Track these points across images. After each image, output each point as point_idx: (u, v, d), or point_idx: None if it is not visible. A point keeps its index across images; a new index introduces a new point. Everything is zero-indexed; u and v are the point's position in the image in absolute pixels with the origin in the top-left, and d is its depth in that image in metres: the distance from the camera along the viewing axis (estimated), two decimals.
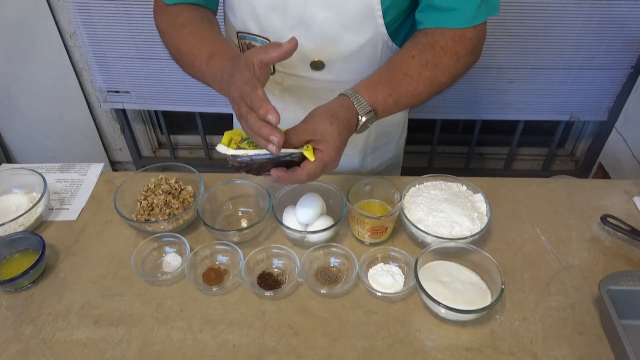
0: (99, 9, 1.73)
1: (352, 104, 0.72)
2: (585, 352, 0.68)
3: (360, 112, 0.72)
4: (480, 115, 2.00)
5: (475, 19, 0.75)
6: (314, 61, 0.85)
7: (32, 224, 0.87)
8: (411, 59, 0.76)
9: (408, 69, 0.76)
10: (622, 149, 1.82)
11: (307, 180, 0.69)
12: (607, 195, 0.94)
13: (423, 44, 0.77)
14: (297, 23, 0.80)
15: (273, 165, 0.69)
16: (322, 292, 0.75)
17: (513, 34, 1.73)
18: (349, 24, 0.79)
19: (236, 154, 0.67)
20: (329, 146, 0.68)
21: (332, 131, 0.68)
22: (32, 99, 2.01)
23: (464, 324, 0.71)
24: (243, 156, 0.68)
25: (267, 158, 0.68)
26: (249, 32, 0.85)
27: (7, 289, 0.77)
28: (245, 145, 0.69)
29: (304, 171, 0.68)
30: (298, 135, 0.68)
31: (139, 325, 0.72)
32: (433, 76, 0.77)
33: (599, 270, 0.79)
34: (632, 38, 1.73)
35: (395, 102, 0.76)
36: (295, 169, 0.69)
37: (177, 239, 0.82)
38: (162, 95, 1.96)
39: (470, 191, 0.87)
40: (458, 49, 0.77)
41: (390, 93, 0.75)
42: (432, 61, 0.76)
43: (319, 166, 0.68)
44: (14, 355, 0.68)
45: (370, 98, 0.73)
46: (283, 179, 0.69)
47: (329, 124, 0.68)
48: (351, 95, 0.73)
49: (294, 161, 0.69)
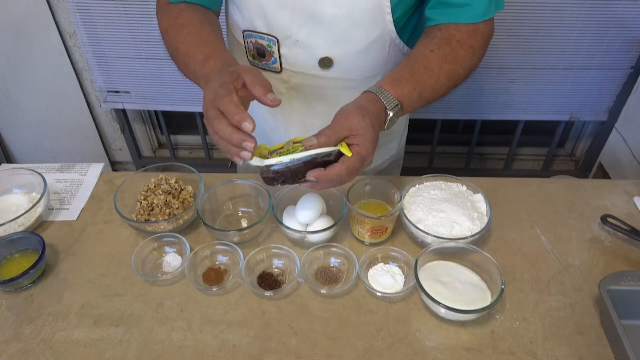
0: (99, 9, 1.73)
1: (379, 98, 0.72)
2: (585, 352, 0.68)
3: (388, 107, 0.72)
4: (481, 115, 2.00)
5: (486, 14, 0.77)
6: (323, 58, 0.85)
7: (32, 224, 0.87)
8: (430, 53, 0.77)
9: (429, 62, 0.76)
10: (622, 149, 1.82)
11: (347, 177, 0.67)
12: (607, 195, 0.94)
13: (440, 38, 0.78)
14: (306, 20, 0.80)
15: (309, 169, 0.67)
16: (322, 292, 0.75)
17: (513, 34, 1.73)
18: (358, 21, 0.79)
19: (271, 163, 0.66)
20: (365, 139, 0.67)
21: (366, 125, 0.67)
22: (32, 99, 2.01)
23: (464, 324, 0.71)
24: (278, 164, 0.66)
25: (303, 162, 0.66)
26: (255, 30, 0.85)
27: (7, 289, 0.77)
28: (275, 156, 0.67)
29: (343, 166, 0.66)
30: (332, 134, 0.67)
31: (139, 325, 0.72)
32: (452, 69, 0.78)
33: (599, 270, 0.79)
34: (632, 38, 1.73)
35: (419, 95, 0.76)
36: (334, 165, 0.67)
37: (177, 239, 0.82)
38: (162, 95, 1.96)
39: (470, 191, 0.87)
40: (473, 42, 0.78)
41: (414, 87, 0.75)
42: (450, 54, 0.77)
43: (358, 160, 0.67)
44: (14, 355, 0.68)
45: (395, 92, 0.73)
46: (322, 178, 0.67)
47: (361, 118, 0.67)
48: (377, 91, 0.73)
49: (330, 161, 0.67)
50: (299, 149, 0.67)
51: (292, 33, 0.82)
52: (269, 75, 0.92)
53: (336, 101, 0.92)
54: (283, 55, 0.86)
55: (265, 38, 0.85)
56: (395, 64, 0.90)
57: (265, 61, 0.89)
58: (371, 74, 0.89)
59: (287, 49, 0.85)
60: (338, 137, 0.67)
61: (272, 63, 0.88)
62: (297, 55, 0.85)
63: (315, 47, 0.83)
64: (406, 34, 0.86)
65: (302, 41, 0.82)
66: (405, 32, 0.86)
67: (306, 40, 0.82)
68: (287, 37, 0.83)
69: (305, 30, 0.81)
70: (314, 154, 0.66)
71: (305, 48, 0.84)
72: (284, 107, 0.95)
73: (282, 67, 0.88)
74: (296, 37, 0.82)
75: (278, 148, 0.71)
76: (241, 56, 0.94)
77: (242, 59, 0.94)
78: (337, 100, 0.92)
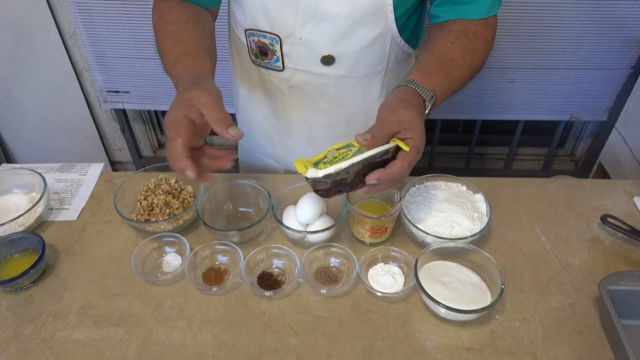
0: (99, 9, 1.73)
1: (416, 91, 0.71)
2: (585, 352, 0.68)
3: (426, 98, 0.71)
4: (481, 115, 2.00)
5: (492, 10, 0.79)
6: (325, 56, 0.85)
7: (32, 224, 0.87)
8: (452, 45, 0.78)
9: (452, 54, 0.77)
10: (622, 149, 1.82)
11: (408, 171, 0.65)
12: (607, 195, 0.94)
13: (457, 30, 0.79)
14: (309, 18, 0.80)
15: (367, 171, 0.64)
16: (322, 292, 0.75)
17: (513, 34, 1.73)
18: (360, 18, 0.80)
19: (328, 172, 0.62)
20: (417, 131, 0.65)
21: (415, 116, 0.66)
22: (32, 99, 2.01)
23: (464, 324, 0.71)
24: (337, 172, 0.62)
25: (362, 164, 0.63)
26: (258, 29, 0.85)
27: (7, 289, 0.77)
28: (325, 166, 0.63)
29: (405, 161, 0.64)
30: (384, 130, 0.65)
31: (139, 325, 0.72)
32: (472, 60, 0.78)
33: (599, 270, 0.79)
34: (632, 38, 1.73)
35: (448, 87, 0.76)
36: (394, 162, 0.64)
37: (177, 239, 0.82)
38: (162, 95, 1.96)
39: (470, 191, 0.87)
40: (486, 34, 0.80)
41: (444, 78, 0.75)
42: (469, 46, 0.78)
43: (415, 153, 0.65)
44: (14, 355, 0.68)
45: (428, 84, 0.72)
46: (385, 178, 0.64)
47: (409, 111, 0.66)
48: (411, 84, 0.72)
49: (387, 160, 0.64)
50: (350, 153, 0.64)
51: (295, 31, 0.82)
52: (271, 74, 0.92)
53: (338, 98, 0.93)
54: (285, 53, 0.86)
55: (268, 36, 0.85)
56: (396, 62, 0.90)
57: (267, 60, 0.89)
58: (372, 72, 0.89)
59: (289, 47, 0.85)
60: (390, 132, 0.65)
61: (274, 61, 0.89)
62: (300, 53, 0.85)
63: (318, 45, 0.83)
64: (407, 32, 0.87)
65: (305, 39, 0.83)
66: (406, 30, 0.86)
67: (309, 38, 0.82)
68: (290, 35, 0.83)
69: (308, 28, 0.81)
70: (372, 154, 0.63)
71: (308, 46, 0.84)
72: (285, 105, 0.96)
73: (284, 66, 0.89)
74: (299, 35, 0.82)
75: (321, 158, 0.67)
76: (243, 55, 0.94)
77: (244, 57, 0.94)
78: (338, 97, 0.92)
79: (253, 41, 0.88)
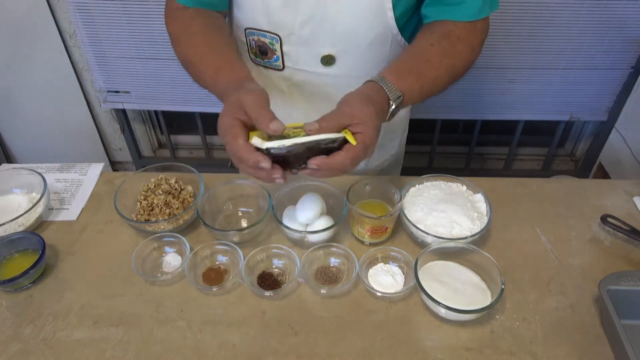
0: (99, 9, 1.73)
1: (382, 88, 0.71)
2: (585, 352, 0.68)
3: (391, 97, 0.71)
4: (481, 115, 2.00)
5: (481, 13, 0.78)
6: (325, 56, 0.85)
7: (32, 224, 0.87)
8: (431, 47, 0.77)
9: (429, 56, 0.77)
10: (622, 149, 1.82)
11: (350, 166, 0.65)
12: (607, 195, 0.94)
13: (439, 33, 0.78)
14: (309, 17, 0.80)
15: (311, 155, 0.64)
16: (322, 292, 0.75)
17: (513, 34, 1.73)
18: (360, 18, 0.80)
19: (271, 145, 0.62)
20: (368, 127, 0.65)
21: (370, 112, 0.66)
22: (32, 99, 2.01)
23: (464, 324, 0.71)
24: (280, 147, 0.63)
25: (306, 147, 0.63)
26: (258, 28, 0.85)
27: (7, 289, 0.77)
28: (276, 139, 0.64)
29: (348, 154, 0.64)
30: (335, 120, 0.65)
31: (138, 325, 0.72)
32: (452, 64, 0.78)
33: (599, 270, 0.79)
34: (632, 38, 1.73)
35: (420, 88, 0.76)
36: (338, 153, 0.65)
37: (177, 239, 0.82)
38: (162, 95, 1.96)
39: (470, 191, 0.87)
40: (472, 39, 0.79)
41: (416, 79, 0.75)
42: (449, 49, 0.77)
43: (362, 149, 0.65)
44: (14, 355, 0.68)
45: (398, 84, 0.72)
46: (325, 166, 0.64)
47: (365, 106, 0.67)
48: (380, 81, 0.72)
49: (333, 149, 0.65)
50: (301, 133, 0.65)
51: (295, 31, 0.82)
52: (270, 73, 0.92)
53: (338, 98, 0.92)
54: (285, 52, 0.86)
55: (268, 36, 0.85)
56: None
57: (267, 59, 0.89)
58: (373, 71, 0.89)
59: (289, 46, 0.85)
60: (341, 123, 0.66)
61: (274, 61, 0.89)
62: (300, 52, 0.85)
63: (318, 45, 0.83)
64: (408, 32, 0.87)
65: (305, 39, 0.83)
66: (407, 29, 0.86)
67: (309, 37, 0.82)
68: (290, 34, 0.83)
69: (308, 27, 0.81)
70: (318, 139, 0.63)
71: (308, 45, 0.84)
72: (285, 105, 0.96)
73: (284, 65, 0.89)
74: (299, 35, 0.82)
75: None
76: (243, 54, 0.94)
77: (244, 56, 0.94)
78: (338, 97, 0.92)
79: (253, 40, 0.88)
